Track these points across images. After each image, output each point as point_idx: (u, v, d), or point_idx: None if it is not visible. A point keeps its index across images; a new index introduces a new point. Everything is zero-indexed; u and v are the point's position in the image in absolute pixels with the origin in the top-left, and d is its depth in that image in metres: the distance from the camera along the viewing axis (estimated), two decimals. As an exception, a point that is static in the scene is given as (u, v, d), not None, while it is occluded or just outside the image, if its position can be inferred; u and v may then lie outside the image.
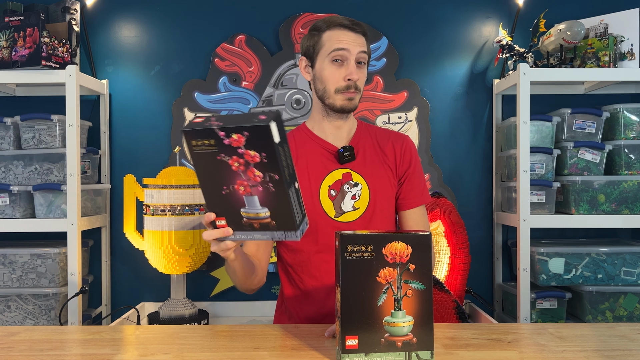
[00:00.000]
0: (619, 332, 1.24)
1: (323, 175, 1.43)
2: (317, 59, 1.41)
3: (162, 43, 2.32)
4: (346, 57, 1.37)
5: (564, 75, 2.02)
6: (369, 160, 1.45)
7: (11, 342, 1.19)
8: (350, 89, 1.38)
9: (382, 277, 1.01)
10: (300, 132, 1.50)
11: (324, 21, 1.40)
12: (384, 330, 1.01)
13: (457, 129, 2.32)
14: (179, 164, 2.23)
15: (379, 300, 1.01)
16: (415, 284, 1.01)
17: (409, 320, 1.01)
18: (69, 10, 2.07)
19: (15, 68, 1.94)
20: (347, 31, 1.38)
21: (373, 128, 1.53)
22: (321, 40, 1.39)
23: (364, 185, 1.43)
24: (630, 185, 2.03)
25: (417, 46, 2.32)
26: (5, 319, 2.02)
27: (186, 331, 1.27)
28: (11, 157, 2.06)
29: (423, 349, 1.01)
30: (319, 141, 1.46)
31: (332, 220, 1.41)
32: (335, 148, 1.45)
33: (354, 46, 1.37)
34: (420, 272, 1.01)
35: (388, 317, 1.01)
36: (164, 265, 2.04)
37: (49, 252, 2.01)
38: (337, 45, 1.37)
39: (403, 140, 1.50)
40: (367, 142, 1.48)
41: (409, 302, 1.01)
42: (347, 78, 1.37)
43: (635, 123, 2.09)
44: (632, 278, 2.02)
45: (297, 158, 1.45)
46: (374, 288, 1.01)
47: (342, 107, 1.40)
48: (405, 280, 1.01)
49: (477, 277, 2.30)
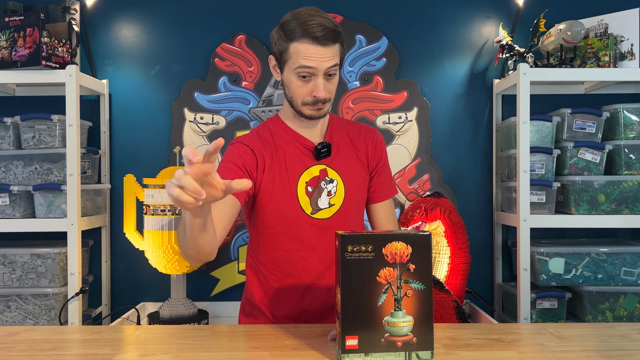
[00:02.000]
0: (619, 332, 1.24)
1: (300, 171, 1.41)
2: (285, 68, 1.34)
3: (162, 43, 2.32)
4: (313, 73, 1.30)
5: (564, 75, 2.02)
6: (343, 156, 1.44)
7: (11, 342, 1.19)
8: (317, 103, 1.34)
9: (382, 277, 1.01)
10: (275, 124, 1.46)
11: (294, 25, 1.28)
12: (384, 330, 1.01)
13: (457, 129, 2.32)
14: (179, 164, 2.23)
15: (379, 300, 1.01)
16: (416, 284, 1.01)
17: (409, 320, 1.01)
18: (69, 10, 2.07)
19: (15, 68, 1.94)
20: (316, 46, 1.27)
21: (344, 122, 1.52)
22: (288, 51, 1.30)
23: (339, 182, 1.42)
24: (630, 185, 2.03)
25: (417, 46, 2.32)
26: (5, 319, 2.02)
27: (186, 331, 1.27)
28: (11, 157, 2.06)
29: (423, 349, 1.01)
30: (295, 136, 1.43)
31: (309, 217, 1.40)
32: (311, 144, 1.42)
33: (322, 62, 1.28)
34: (420, 272, 1.01)
35: (388, 317, 1.01)
36: (164, 265, 2.04)
37: (49, 252, 2.01)
38: (304, 62, 1.28)
39: (374, 134, 1.50)
40: (340, 137, 1.47)
41: (409, 302, 1.01)
42: (313, 94, 1.32)
43: (635, 123, 2.09)
44: (632, 278, 2.02)
45: (275, 151, 1.40)
46: (374, 288, 1.01)
47: (311, 116, 1.37)
48: (405, 280, 1.01)
49: (477, 277, 2.30)
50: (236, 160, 1.35)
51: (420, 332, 1.01)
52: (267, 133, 1.44)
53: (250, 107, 2.29)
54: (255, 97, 2.28)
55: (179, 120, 2.28)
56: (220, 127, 2.28)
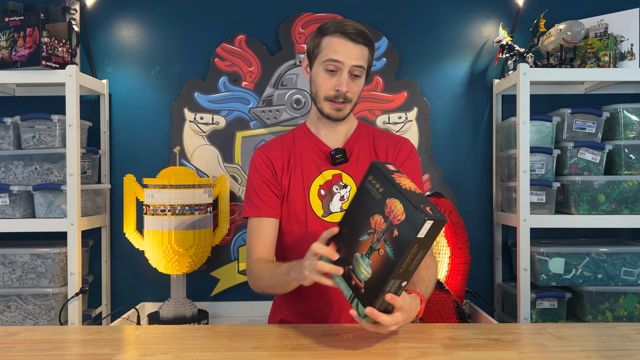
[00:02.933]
0: (619, 332, 1.24)
1: (315, 174, 1.46)
2: (315, 62, 1.41)
3: (162, 43, 2.32)
4: (339, 68, 1.37)
5: (564, 75, 2.02)
6: (362, 163, 1.46)
7: (11, 342, 1.19)
8: (338, 98, 1.39)
9: (374, 220, 1.03)
10: (300, 130, 1.53)
11: (330, 24, 1.39)
12: (351, 262, 1.05)
13: (457, 129, 2.32)
14: (179, 164, 2.23)
15: (362, 236, 1.04)
16: (389, 248, 1.00)
17: (368, 272, 1.03)
18: (69, 10, 2.07)
19: (15, 68, 1.94)
20: (346, 41, 1.35)
21: (373, 130, 1.53)
22: (320, 45, 1.39)
23: (354, 188, 1.44)
24: (630, 185, 2.03)
25: (417, 46, 2.32)
26: (5, 319, 2.02)
27: (186, 331, 1.27)
28: (11, 157, 2.06)
29: (364, 303, 1.03)
30: (315, 140, 1.49)
31: (320, 219, 1.44)
32: (329, 149, 1.47)
33: (349, 58, 1.36)
34: (399, 242, 0.98)
35: (359, 254, 1.04)
36: (164, 265, 2.04)
37: (49, 252, 2.01)
38: (332, 56, 1.36)
39: (398, 142, 1.50)
40: (363, 144, 1.49)
41: (376, 259, 1.02)
42: (336, 89, 1.38)
43: (635, 123, 2.09)
44: (632, 278, 2.02)
45: (294, 154, 1.47)
46: (365, 224, 1.04)
47: (329, 115, 1.42)
48: (385, 239, 1.00)
49: (477, 277, 2.30)
50: (258, 184, 1.46)
51: (369, 289, 1.02)
52: (289, 138, 1.52)
53: (250, 107, 2.29)
54: (255, 97, 2.28)
55: (179, 120, 2.28)
56: (220, 127, 2.28)
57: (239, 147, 2.28)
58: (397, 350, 1.12)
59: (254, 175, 1.47)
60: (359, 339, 1.18)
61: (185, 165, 2.27)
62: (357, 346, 1.13)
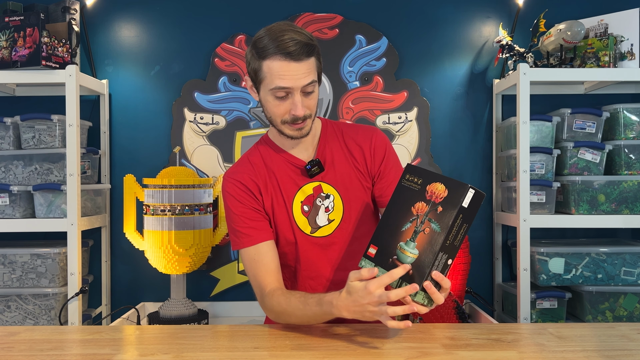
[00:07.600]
0: (619, 332, 1.24)
1: (294, 191, 1.37)
2: (260, 88, 1.29)
3: (162, 43, 2.32)
4: (289, 92, 1.25)
5: (564, 75, 2.02)
6: (339, 168, 1.39)
7: (11, 342, 1.19)
8: (297, 121, 1.28)
9: (415, 208, 1.10)
10: (266, 147, 1.42)
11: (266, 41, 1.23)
12: (395, 253, 1.09)
13: (457, 129, 2.32)
14: (179, 164, 2.24)
15: (404, 226, 1.10)
16: (434, 225, 1.06)
17: (415, 253, 1.07)
18: (69, 10, 2.07)
19: (15, 68, 1.94)
20: (289, 62, 1.22)
21: (339, 127, 1.44)
22: (262, 70, 1.25)
23: (336, 196, 1.38)
24: (630, 185, 2.03)
25: (417, 46, 2.32)
26: (5, 319, 2.02)
27: (186, 331, 1.27)
28: (11, 157, 2.06)
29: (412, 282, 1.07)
30: (285, 155, 1.40)
31: (309, 237, 1.37)
32: (302, 162, 1.38)
33: (297, 80, 1.23)
34: (443, 214, 1.06)
35: (402, 243, 1.09)
36: (164, 265, 2.04)
37: (49, 252, 2.01)
38: (278, 83, 1.23)
39: (371, 137, 1.41)
40: (334, 146, 1.41)
41: (422, 239, 1.07)
42: (291, 113, 1.27)
43: (635, 123, 2.09)
44: (632, 278, 2.02)
45: (268, 175, 1.39)
46: (406, 215, 1.10)
47: (292, 136, 1.32)
48: (430, 218, 1.07)
49: (477, 277, 2.30)
50: (241, 211, 1.36)
51: (417, 268, 1.06)
52: (257, 158, 1.41)
53: (250, 107, 2.29)
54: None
55: (179, 120, 2.28)
56: (220, 127, 2.28)
57: (239, 147, 2.28)
58: (397, 350, 1.12)
59: (234, 204, 1.36)
60: (359, 339, 1.18)
61: (185, 165, 2.27)
62: (357, 346, 1.13)
